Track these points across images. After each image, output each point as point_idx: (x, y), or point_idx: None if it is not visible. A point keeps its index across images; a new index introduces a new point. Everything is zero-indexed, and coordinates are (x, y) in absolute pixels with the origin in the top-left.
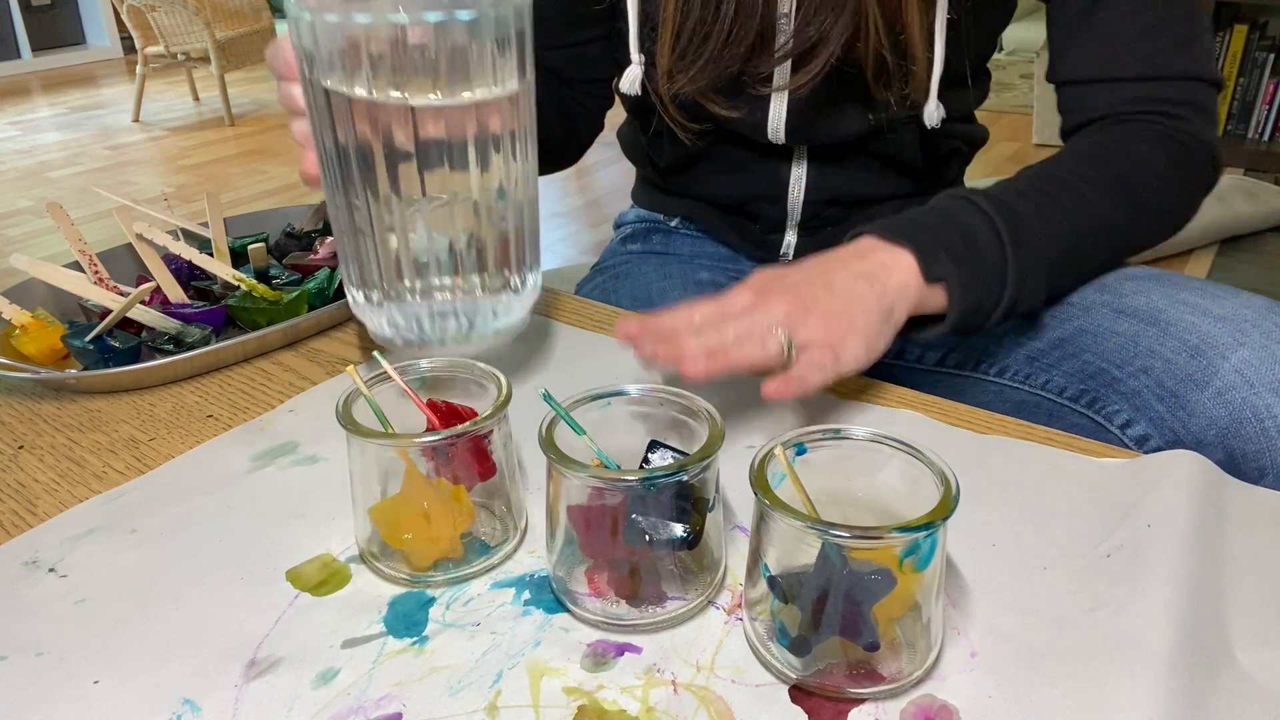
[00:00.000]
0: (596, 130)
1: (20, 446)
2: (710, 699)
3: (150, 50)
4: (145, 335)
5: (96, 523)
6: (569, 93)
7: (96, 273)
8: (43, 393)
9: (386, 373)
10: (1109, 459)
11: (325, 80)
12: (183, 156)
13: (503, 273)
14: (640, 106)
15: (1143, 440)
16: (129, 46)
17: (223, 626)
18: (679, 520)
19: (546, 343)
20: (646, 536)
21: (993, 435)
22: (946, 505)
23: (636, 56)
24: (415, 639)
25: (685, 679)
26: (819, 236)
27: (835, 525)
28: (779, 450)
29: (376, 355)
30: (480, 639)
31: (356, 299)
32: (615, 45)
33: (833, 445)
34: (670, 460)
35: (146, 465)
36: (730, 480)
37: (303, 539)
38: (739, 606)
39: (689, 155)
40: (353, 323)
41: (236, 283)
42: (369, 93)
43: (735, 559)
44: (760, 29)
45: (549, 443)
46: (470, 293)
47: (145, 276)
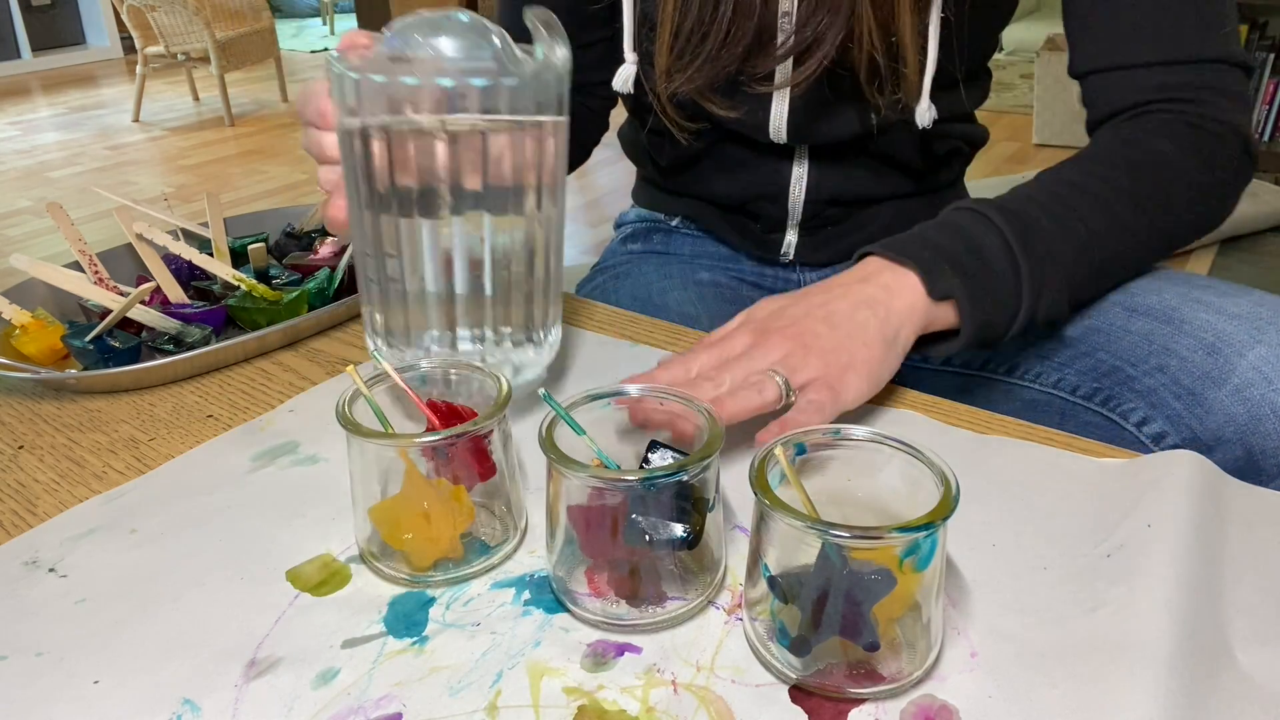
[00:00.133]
0: (602, 130)
1: (20, 446)
2: (710, 699)
3: (150, 50)
4: (145, 335)
5: (96, 523)
6: (576, 96)
7: (96, 273)
8: (43, 393)
9: (386, 373)
10: (1109, 459)
11: (365, 134)
12: (183, 156)
13: (527, 328)
14: (640, 105)
15: (1159, 437)
16: (129, 46)
17: (223, 626)
18: (679, 520)
19: None
20: (646, 536)
21: (993, 435)
22: (946, 505)
23: (631, 55)
24: (415, 639)
25: (685, 679)
26: (820, 236)
27: (835, 525)
28: (779, 450)
29: (376, 355)
30: (480, 639)
31: (380, 347)
32: (617, 45)
33: (833, 445)
34: (670, 460)
35: (146, 465)
36: (730, 480)
37: (303, 539)
38: (739, 606)
39: (690, 155)
40: (353, 323)
41: (236, 283)
42: (411, 151)
43: (735, 559)
44: (758, 29)
45: (549, 443)
46: (498, 344)
47: (145, 276)
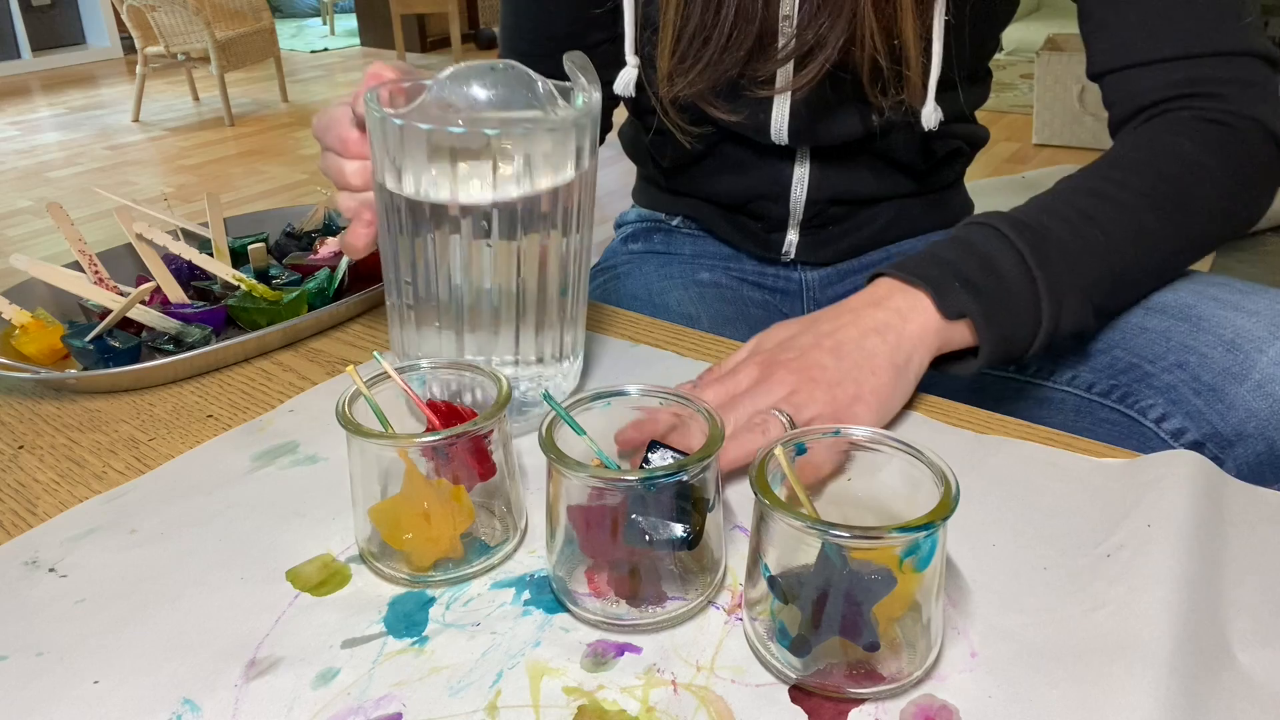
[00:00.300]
0: (606, 130)
1: (20, 446)
2: (710, 699)
3: (150, 50)
4: (145, 335)
5: (96, 523)
6: None
7: (96, 273)
8: (43, 393)
9: (386, 373)
10: (1109, 459)
11: (404, 180)
12: (183, 156)
13: (554, 359)
14: (642, 108)
15: (1179, 433)
16: (129, 46)
17: (223, 626)
18: (679, 520)
19: None
20: (646, 536)
21: (993, 435)
22: (946, 505)
23: (632, 59)
24: (415, 639)
25: (685, 679)
26: (821, 235)
27: (835, 525)
28: (779, 450)
29: (376, 355)
30: (480, 639)
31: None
32: (620, 46)
33: (833, 445)
34: (670, 460)
35: (146, 465)
36: (730, 480)
37: (303, 539)
38: (739, 606)
39: (692, 155)
40: (353, 323)
41: (236, 283)
42: (450, 192)
43: (735, 559)
44: (759, 33)
45: (549, 443)
46: (525, 370)
47: (145, 276)
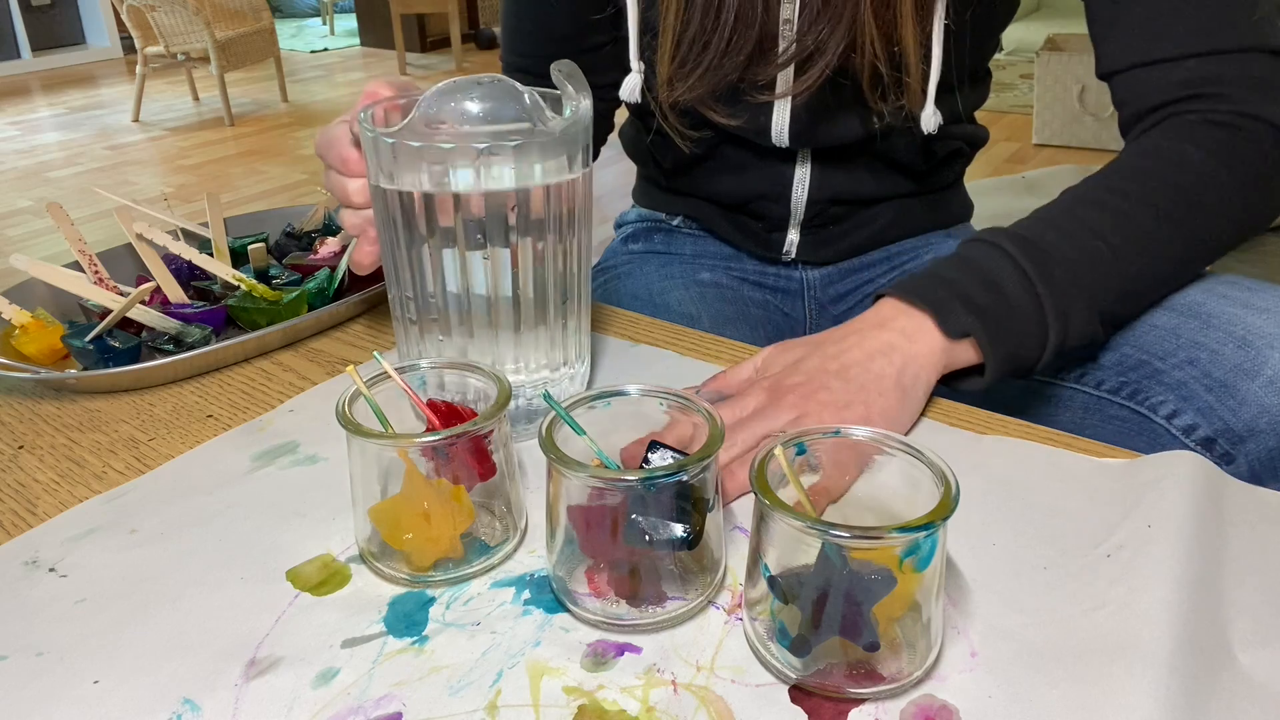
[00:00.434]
0: (607, 131)
1: (20, 446)
2: (710, 699)
3: (150, 50)
4: (145, 335)
5: (96, 523)
6: None
7: (96, 273)
8: (43, 393)
9: (386, 373)
10: (1109, 459)
11: (398, 196)
12: (182, 156)
13: (559, 365)
14: (643, 109)
15: (1190, 430)
16: (129, 46)
17: (223, 626)
18: (679, 520)
19: None
20: (646, 536)
21: (992, 435)
22: (946, 505)
23: (636, 64)
24: (415, 639)
25: (685, 679)
26: (821, 234)
27: (835, 525)
28: (779, 450)
29: (376, 355)
30: (480, 639)
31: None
32: (621, 50)
33: (833, 444)
34: (670, 460)
35: (146, 465)
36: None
37: (303, 539)
38: (739, 606)
39: (693, 156)
40: (353, 323)
41: (236, 283)
42: (444, 206)
43: (735, 559)
44: (759, 38)
45: (549, 443)
46: (529, 378)
47: (145, 276)
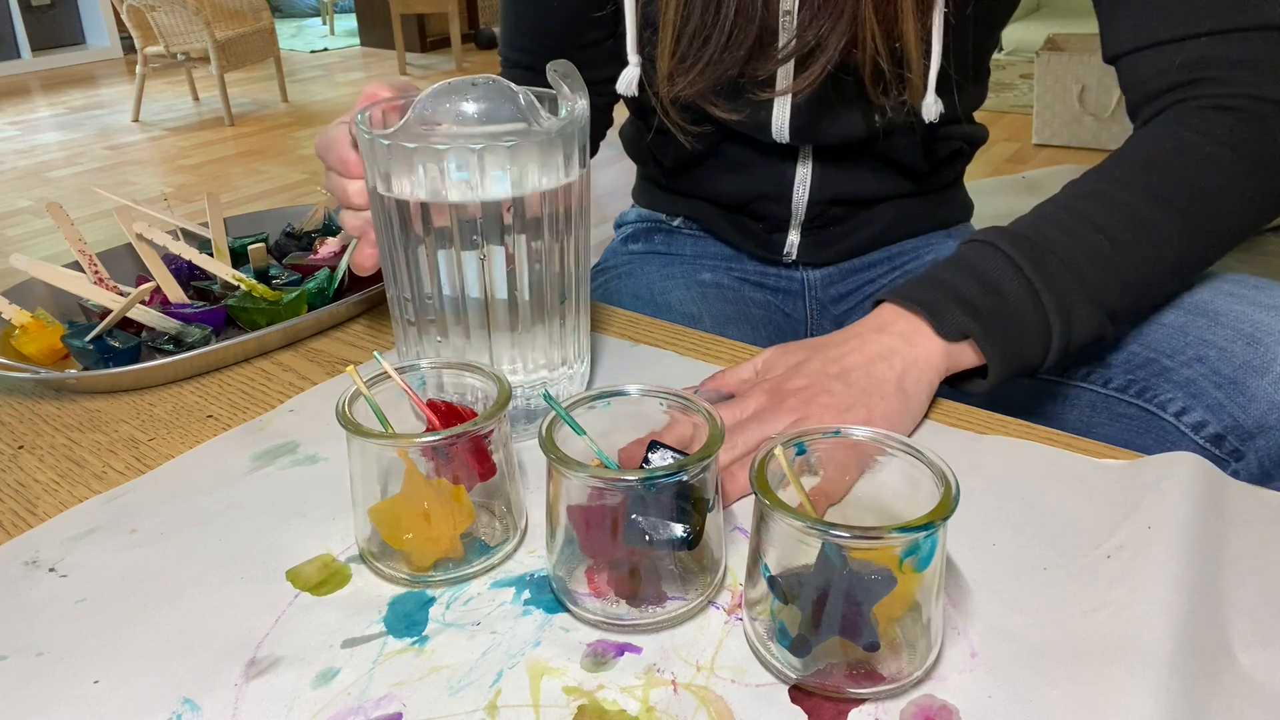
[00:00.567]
0: (606, 126)
1: (20, 446)
2: (710, 699)
3: (150, 50)
4: (145, 335)
5: (96, 523)
6: None
7: (96, 273)
8: (43, 393)
9: (386, 373)
10: (1109, 459)
11: (395, 192)
12: (182, 156)
13: (558, 365)
14: (643, 106)
15: (1199, 427)
16: (129, 46)
17: (222, 626)
18: (679, 520)
19: None
20: (646, 536)
21: (993, 435)
22: (946, 505)
23: (634, 58)
24: (415, 639)
25: (685, 679)
26: (822, 235)
27: (835, 525)
28: (779, 450)
29: (376, 355)
30: (480, 639)
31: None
32: (620, 46)
33: (833, 445)
34: (670, 460)
35: (146, 465)
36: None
37: (303, 539)
38: (739, 606)
39: (694, 154)
40: (353, 323)
41: (236, 283)
42: (441, 207)
43: (735, 559)
44: (759, 32)
45: (549, 443)
46: (528, 378)
47: (145, 276)
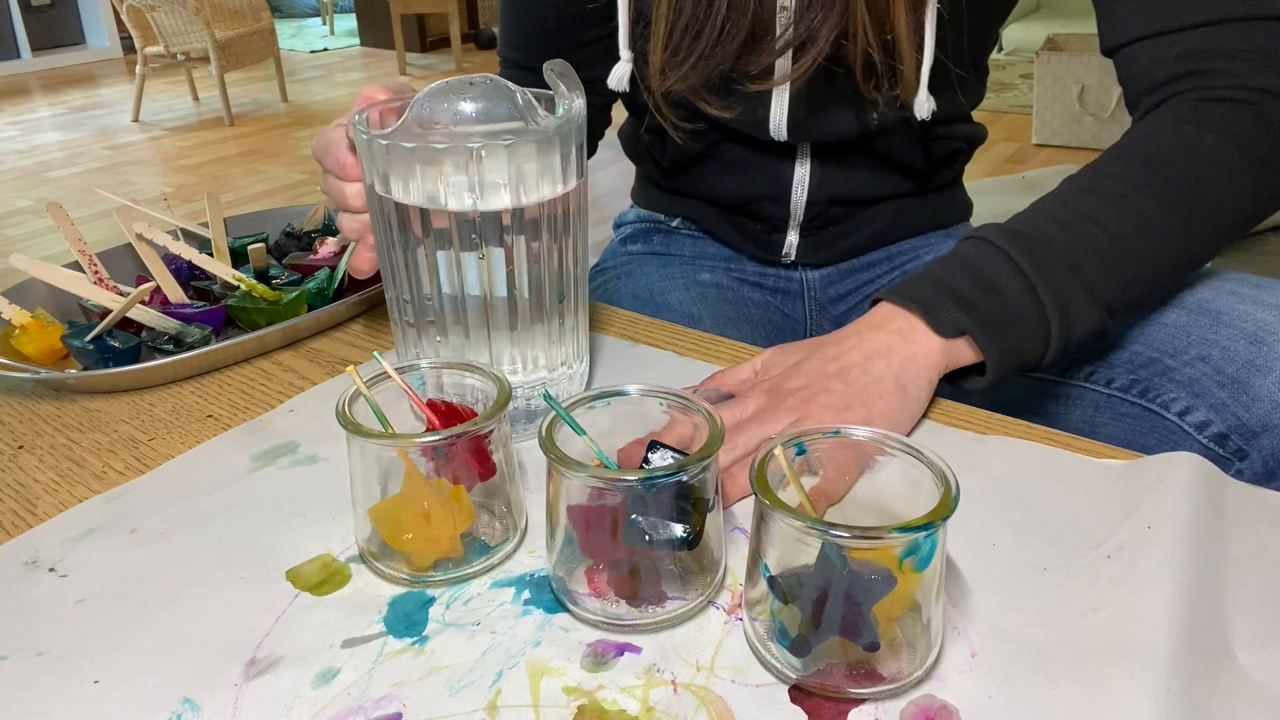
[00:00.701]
0: (605, 125)
1: (20, 446)
2: (710, 699)
3: (150, 50)
4: (145, 335)
5: (96, 523)
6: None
7: (96, 273)
8: (43, 393)
9: (386, 373)
10: (1109, 460)
11: (394, 193)
12: (182, 156)
13: (558, 365)
14: (636, 104)
15: (1203, 426)
16: (129, 46)
17: (223, 626)
18: (679, 520)
19: None
20: (646, 537)
21: (993, 435)
22: (946, 505)
23: (626, 53)
24: (415, 639)
25: (685, 679)
26: (821, 236)
27: (835, 525)
28: (779, 450)
29: (376, 355)
30: (480, 639)
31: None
32: (616, 41)
33: (833, 445)
34: (670, 460)
35: (146, 465)
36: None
37: (303, 539)
38: (739, 606)
39: (692, 154)
40: (353, 323)
41: (236, 283)
42: (438, 207)
43: (735, 559)
44: (752, 25)
45: (549, 443)
46: (528, 378)
47: (145, 276)
